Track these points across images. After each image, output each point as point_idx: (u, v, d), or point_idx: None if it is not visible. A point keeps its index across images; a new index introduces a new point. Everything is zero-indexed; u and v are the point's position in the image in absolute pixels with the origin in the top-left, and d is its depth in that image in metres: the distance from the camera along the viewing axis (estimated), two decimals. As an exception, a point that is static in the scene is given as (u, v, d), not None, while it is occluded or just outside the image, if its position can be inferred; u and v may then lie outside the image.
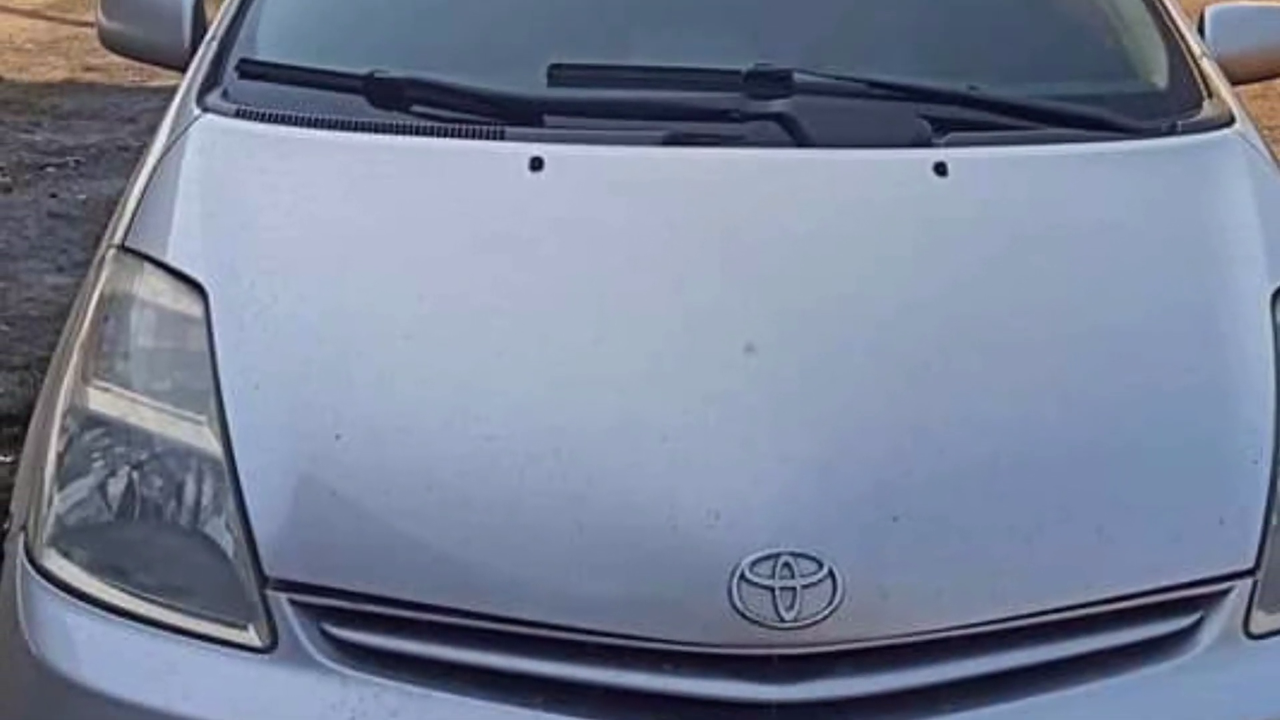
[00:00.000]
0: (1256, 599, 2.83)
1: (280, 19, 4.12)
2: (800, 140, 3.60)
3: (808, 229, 3.40)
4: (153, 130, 3.91)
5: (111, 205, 3.77)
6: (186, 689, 2.75)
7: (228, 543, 2.80)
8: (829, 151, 3.61)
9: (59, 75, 12.42)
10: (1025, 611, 2.71)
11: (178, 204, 3.46)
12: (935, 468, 2.84)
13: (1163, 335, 3.25)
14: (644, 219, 3.41)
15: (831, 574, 2.62)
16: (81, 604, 2.84)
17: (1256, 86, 4.80)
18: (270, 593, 2.73)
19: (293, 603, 2.72)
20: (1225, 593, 2.81)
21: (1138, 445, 2.99)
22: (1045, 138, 3.73)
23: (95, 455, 2.99)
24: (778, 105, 3.65)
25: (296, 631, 2.71)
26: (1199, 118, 3.89)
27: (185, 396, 2.99)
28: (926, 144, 3.61)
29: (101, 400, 3.04)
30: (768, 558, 2.63)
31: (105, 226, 3.63)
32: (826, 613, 2.61)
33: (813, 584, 2.62)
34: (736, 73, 3.74)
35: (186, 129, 3.70)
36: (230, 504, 2.81)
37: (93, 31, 4.80)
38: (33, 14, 15.26)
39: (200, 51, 4.06)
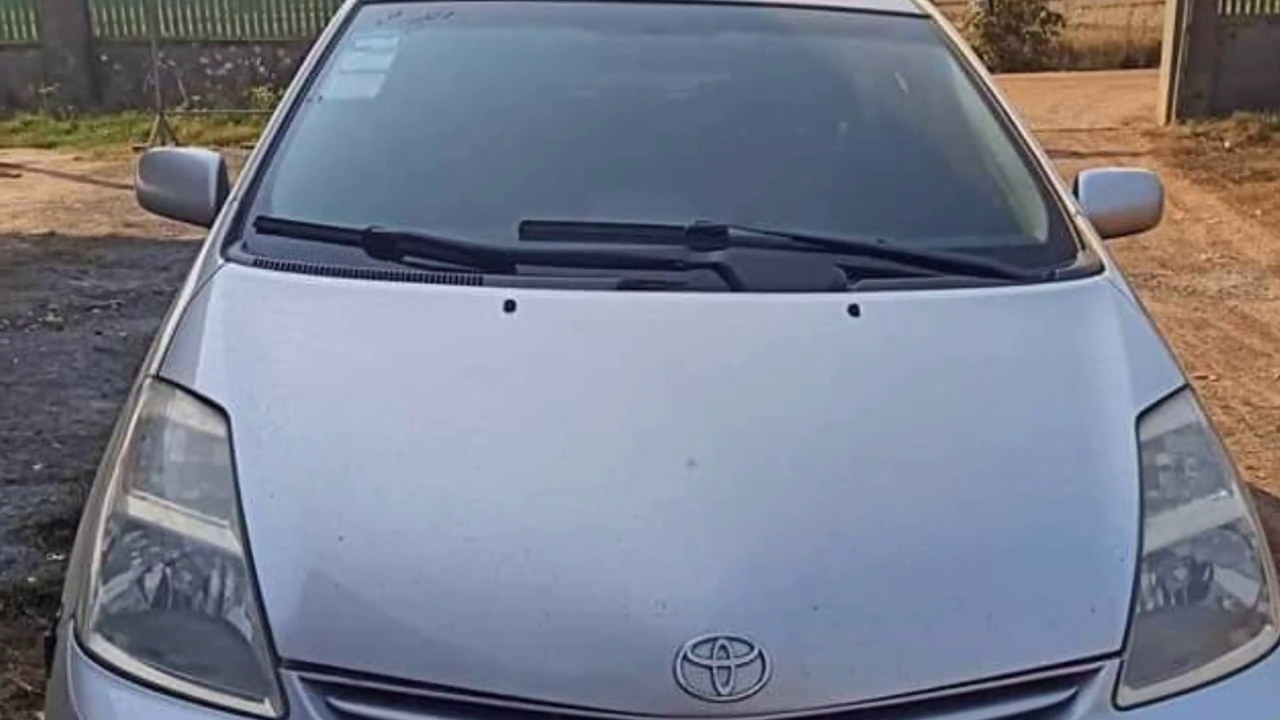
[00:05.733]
0: (1123, 676, 2.86)
1: (292, 182, 4.16)
2: (735, 286, 3.63)
3: (741, 362, 3.42)
4: (183, 277, 3.90)
5: (148, 341, 3.78)
6: None
7: (247, 628, 2.82)
8: (759, 295, 3.63)
9: (103, 230, 12.51)
10: (926, 687, 2.75)
11: (204, 340, 3.47)
12: (849, 565, 2.87)
13: (1044, 452, 3.27)
14: (601, 353, 3.43)
15: (761, 655, 2.66)
16: (123, 681, 2.86)
17: (1123, 240, 4.85)
18: (283, 671, 2.75)
19: (302, 679, 2.74)
20: (1096, 671, 2.85)
21: (1022, 545, 3.02)
22: (944, 283, 3.76)
23: (134, 554, 3.00)
24: (715, 256, 3.69)
25: (305, 704, 2.73)
26: (1074, 266, 3.93)
27: (211, 504, 3.01)
28: (842, 289, 3.64)
29: (139, 507, 3.06)
30: (707, 641, 2.67)
31: (143, 359, 3.64)
32: (756, 688, 2.65)
33: (745, 663, 2.66)
34: (680, 228, 3.78)
35: (212, 276, 3.71)
36: (249, 595, 2.83)
37: (132, 193, 4.81)
38: (81, 178, 15.41)
39: (223, 210, 4.08)
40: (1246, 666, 3.04)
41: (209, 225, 4.12)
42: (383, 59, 4.81)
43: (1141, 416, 3.33)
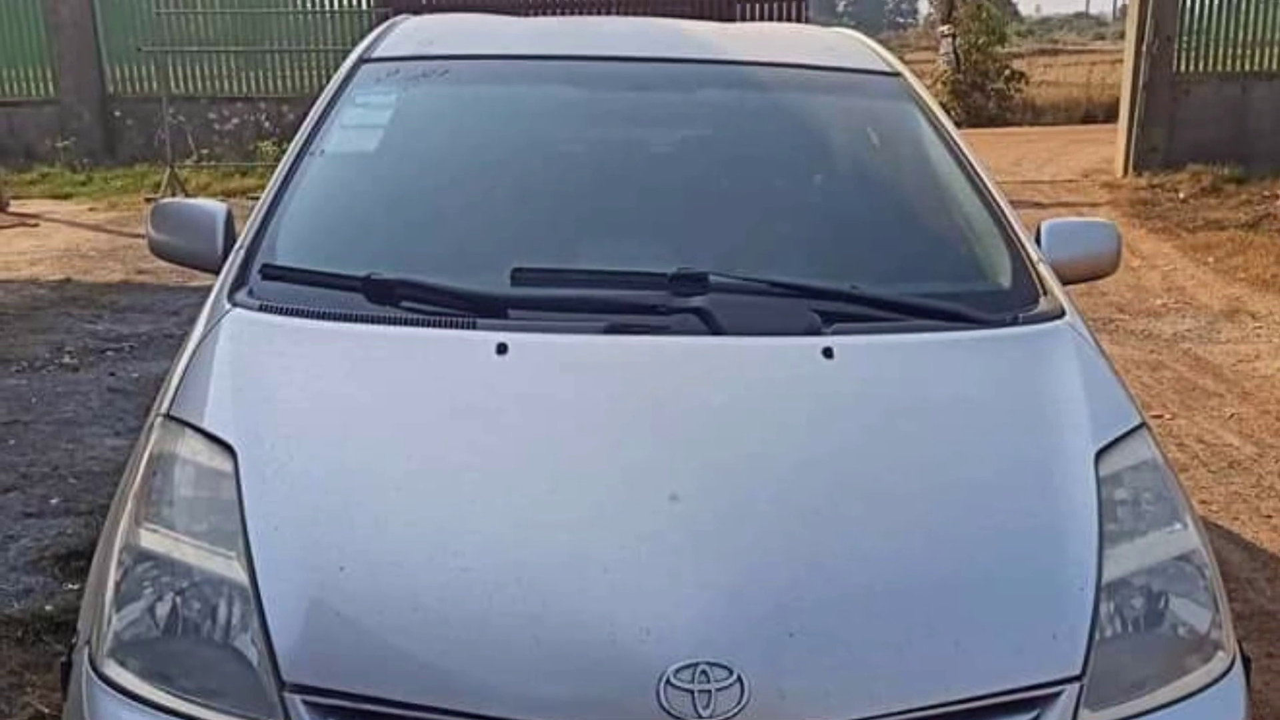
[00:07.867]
0: (1083, 699, 2.87)
1: (295, 231, 4.16)
2: (715, 329, 3.63)
3: (721, 401, 3.42)
4: (192, 321, 3.90)
5: (159, 381, 3.78)
6: None
7: (253, 654, 2.81)
8: (738, 339, 3.64)
9: (117, 277, 12.54)
10: (897, 709, 2.75)
11: (212, 381, 3.46)
12: (825, 593, 2.87)
13: (1008, 487, 3.27)
14: (589, 393, 3.43)
15: (740, 679, 2.67)
16: (135, 704, 2.85)
17: (1082, 286, 4.87)
18: (287, 694, 2.75)
19: (305, 702, 2.74)
20: (1058, 694, 2.85)
21: (988, 576, 3.02)
22: (913, 327, 3.76)
23: (146, 584, 3.00)
24: (697, 301, 3.70)
25: None
26: (1036, 311, 3.94)
27: (218, 536, 3.00)
28: (817, 333, 3.65)
29: (151, 539, 3.06)
30: (689, 666, 2.67)
31: (154, 399, 3.63)
32: (736, 711, 2.65)
33: (725, 687, 2.66)
34: (663, 275, 3.79)
35: (219, 320, 3.72)
36: (255, 623, 2.83)
37: (144, 242, 4.80)
38: (95, 228, 15.48)
39: (230, 258, 4.08)
40: (1200, 690, 3.05)
41: (217, 272, 4.12)
42: (381, 114, 4.83)
43: (1100, 453, 3.34)
